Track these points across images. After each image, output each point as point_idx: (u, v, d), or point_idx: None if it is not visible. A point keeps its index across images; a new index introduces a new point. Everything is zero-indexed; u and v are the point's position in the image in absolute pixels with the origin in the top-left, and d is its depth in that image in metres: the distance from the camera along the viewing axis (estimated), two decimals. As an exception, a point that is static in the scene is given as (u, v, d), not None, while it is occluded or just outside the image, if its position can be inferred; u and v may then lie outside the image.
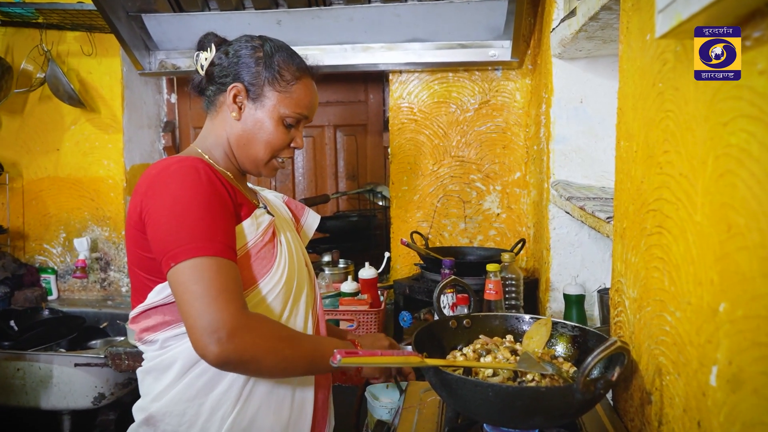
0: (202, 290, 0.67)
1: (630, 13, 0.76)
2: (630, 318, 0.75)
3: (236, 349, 0.67)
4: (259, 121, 0.82)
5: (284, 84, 0.82)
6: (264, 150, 0.84)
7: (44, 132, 2.04)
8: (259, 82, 0.82)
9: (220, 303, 0.67)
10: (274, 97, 0.82)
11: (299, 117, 0.84)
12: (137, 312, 0.78)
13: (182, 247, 0.69)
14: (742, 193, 0.45)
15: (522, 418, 0.64)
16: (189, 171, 0.74)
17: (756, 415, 0.43)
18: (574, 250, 1.40)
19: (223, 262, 0.70)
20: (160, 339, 0.77)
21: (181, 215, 0.70)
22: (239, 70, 0.82)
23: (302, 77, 0.84)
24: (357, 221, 2.05)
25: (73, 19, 1.83)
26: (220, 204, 0.74)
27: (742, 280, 0.45)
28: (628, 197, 0.76)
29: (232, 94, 0.82)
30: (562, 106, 1.38)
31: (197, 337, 0.67)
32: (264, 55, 0.83)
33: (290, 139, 0.85)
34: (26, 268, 2.01)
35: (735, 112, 0.47)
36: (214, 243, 0.70)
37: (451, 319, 0.85)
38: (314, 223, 1.01)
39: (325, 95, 2.22)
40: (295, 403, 0.81)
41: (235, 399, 0.76)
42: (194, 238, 0.69)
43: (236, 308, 0.68)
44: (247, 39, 0.85)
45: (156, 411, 0.76)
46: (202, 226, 0.70)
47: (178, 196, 0.71)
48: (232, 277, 0.70)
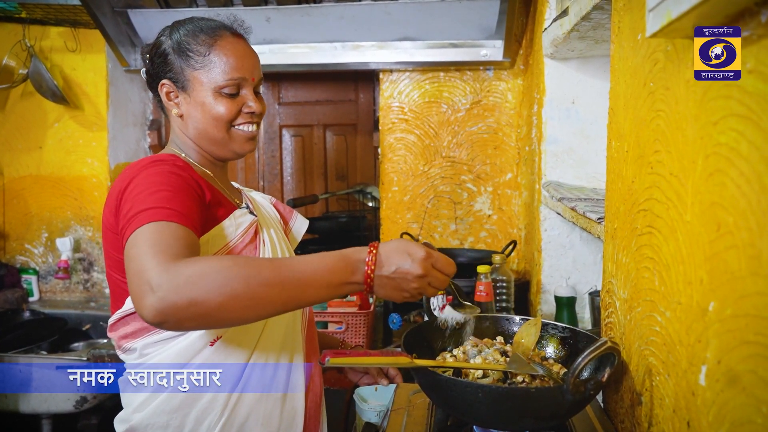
0: (137, 251, 0.60)
1: (621, 12, 0.76)
2: (620, 319, 0.75)
3: (166, 295, 0.55)
4: (198, 106, 0.78)
5: (200, 58, 0.77)
6: (215, 128, 0.78)
7: (26, 129, 1.99)
8: (177, 68, 0.78)
9: (151, 255, 0.58)
10: (197, 77, 0.77)
11: (234, 82, 0.77)
12: (115, 319, 0.75)
13: (132, 218, 0.63)
14: (732, 192, 0.45)
15: (512, 419, 0.64)
16: (159, 162, 0.71)
17: (745, 413, 0.43)
18: (566, 252, 1.40)
19: (170, 225, 0.62)
20: (138, 347, 0.74)
21: (137, 195, 0.66)
22: (160, 67, 0.79)
23: (216, 42, 0.78)
24: (346, 222, 2.04)
25: (57, 14, 1.79)
26: (181, 182, 0.69)
27: (731, 279, 0.45)
28: (619, 197, 0.76)
29: (164, 92, 0.80)
30: (554, 107, 1.38)
31: (134, 299, 0.58)
32: (173, 42, 0.79)
33: (238, 106, 0.79)
34: (6, 269, 1.96)
35: (725, 111, 0.47)
36: (163, 209, 0.63)
37: (441, 321, 0.84)
38: (302, 227, 0.98)
39: (314, 94, 2.21)
40: (285, 411, 0.79)
41: (221, 408, 0.73)
42: (145, 209, 0.64)
43: (169, 256, 0.58)
44: (161, 32, 0.82)
45: (137, 423, 0.73)
46: (156, 199, 0.64)
47: (139, 182, 0.68)
48: (175, 236, 0.61)
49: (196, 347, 0.72)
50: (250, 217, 0.81)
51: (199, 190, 0.72)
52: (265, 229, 0.83)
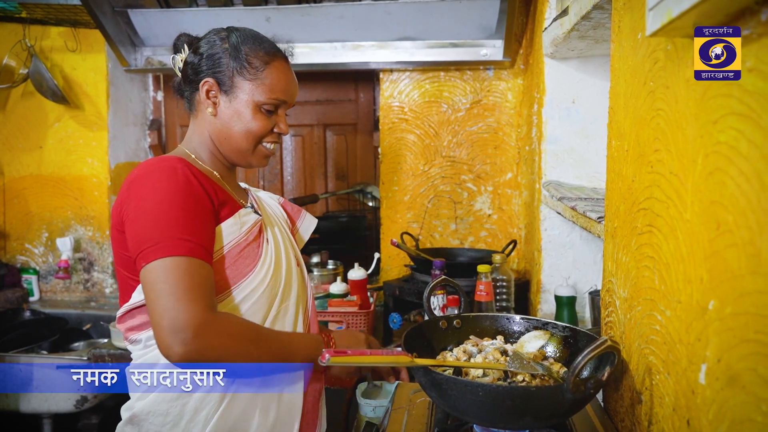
0: (168, 289, 0.66)
1: (621, 11, 0.76)
2: (620, 318, 0.75)
3: (199, 349, 0.66)
4: (235, 113, 0.82)
5: (254, 71, 0.81)
6: (245, 140, 0.83)
7: (27, 129, 1.99)
8: (228, 73, 0.82)
9: (185, 302, 0.66)
10: (246, 87, 0.81)
11: (276, 103, 0.83)
12: (123, 311, 0.78)
13: (154, 246, 0.68)
14: (731, 190, 0.45)
15: (512, 418, 0.64)
16: (167, 171, 0.74)
17: (744, 412, 0.43)
18: (566, 251, 1.40)
19: (193, 262, 0.69)
20: (143, 338, 0.77)
21: (155, 214, 0.70)
22: (208, 65, 0.82)
23: (272, 61, 0.83)
24: (346, 222, 2.04)
25: (57, 14, 1.79)
26: (197, 204, 0.74)
27: (730, 278, 0.45)
28: (619, 196, 0.76)
29: (205, 89, 0.82)
30: (554, 106, 1.38)
31: (161, 336, 0.66)
32: (230, 46, 0.82)
33: (272, 125, 0.84)
34: (7, 269, 1.96)
35: (724, 109, 0.47)
36: (185, 242, 0.69)
37: (441, 320, 0.84)
38: (311, 226, 1.01)
39: (314, 94, 2.21)
40: (282, 405, 0.80)
41: (218, 399, 0.75)
42: (165, 237, 0.69)
43: (202, 307, 0.67)
44: (215, 32, 0.85)
45: (140, 410, 0.76)
46: (175, 226, 0.70)
47: (153, 195, 0.72)
48: (202, 276, 0.69)
49: None
50: (254, 216, 0.83)
51: (208, 200, 0.76)
52: (269, 228, 0.86)
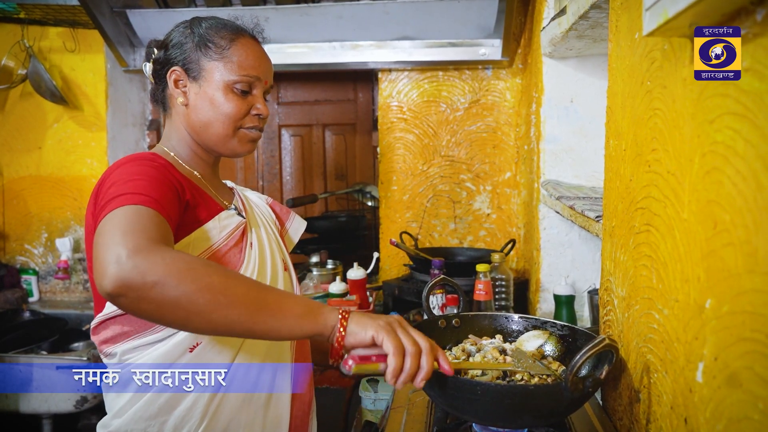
0: (111, 228, 0.58)
1: (619, 11, 0.76)
2: (619, 316, 0.76)
3: (137, 266, 0.53)
4: (207, 98, 0.77)
5: (219, 50, 0.77)
6: (222, 125, 0.78)
7: (26, 130, 1.99)
8: (193, 58, 0.78)
9: (129, 235, 0.57)
10: (213, 67, 0.77)
11: (248, 80, 0.78)
12: (96, 322, 0.72)
13: (107, 205, 0.62)
14: (728, 189, 0.45)
15: (511, 416, 0.64)
16: (139, 159, 0.71)
17: (742, 410, 0.43)
18: (565, 250, 1.40)
19: (145, 210, 0.61)
20: (118, 352, 0.71)
21: (116, 182, 0.65)
22: (174, 54, 0.79)
23: (238, 38, 0.79)
24: (346, 221, 2.04)
25: (55, 15, 1.79)
26: (163, 177, 0.69)
27: (727, 277, 0.45)
28: (617, 196, 0.76)
29: (173, 79, 0.78)
30: (553, 106, 1.39)
31: (97, 268, 0.56)
32: (192, 32, 0.79)
33: (248, 106, 0.79)
34: (6, 269, 1.96)
35: (721, 109, 0.47)
36: (139, 195, 0.63)
37: (440, 319, 0.85)
38: (300, 228, 0.96)
39: (313, 94, 2.21)
40: (268, 418, 0.76)
41: (200, 416, 0.71)
42: (120, 193, 0.63)
43: (146, 238, 0.57)
44: (179, 24, 0.82)
45: (116, 429, 0.71)
46: (133, 187, 0.64)
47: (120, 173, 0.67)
48: (154, 222, 0.61)
49: (175, 353, 0.70)
50: (237, 219, 0.79)
51: (178, 186, 0.71)
52: (254, 230, 0.81)
